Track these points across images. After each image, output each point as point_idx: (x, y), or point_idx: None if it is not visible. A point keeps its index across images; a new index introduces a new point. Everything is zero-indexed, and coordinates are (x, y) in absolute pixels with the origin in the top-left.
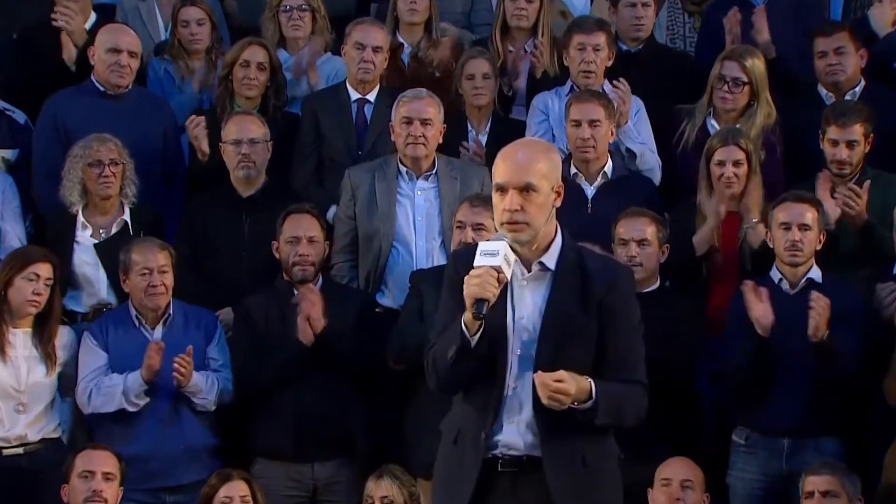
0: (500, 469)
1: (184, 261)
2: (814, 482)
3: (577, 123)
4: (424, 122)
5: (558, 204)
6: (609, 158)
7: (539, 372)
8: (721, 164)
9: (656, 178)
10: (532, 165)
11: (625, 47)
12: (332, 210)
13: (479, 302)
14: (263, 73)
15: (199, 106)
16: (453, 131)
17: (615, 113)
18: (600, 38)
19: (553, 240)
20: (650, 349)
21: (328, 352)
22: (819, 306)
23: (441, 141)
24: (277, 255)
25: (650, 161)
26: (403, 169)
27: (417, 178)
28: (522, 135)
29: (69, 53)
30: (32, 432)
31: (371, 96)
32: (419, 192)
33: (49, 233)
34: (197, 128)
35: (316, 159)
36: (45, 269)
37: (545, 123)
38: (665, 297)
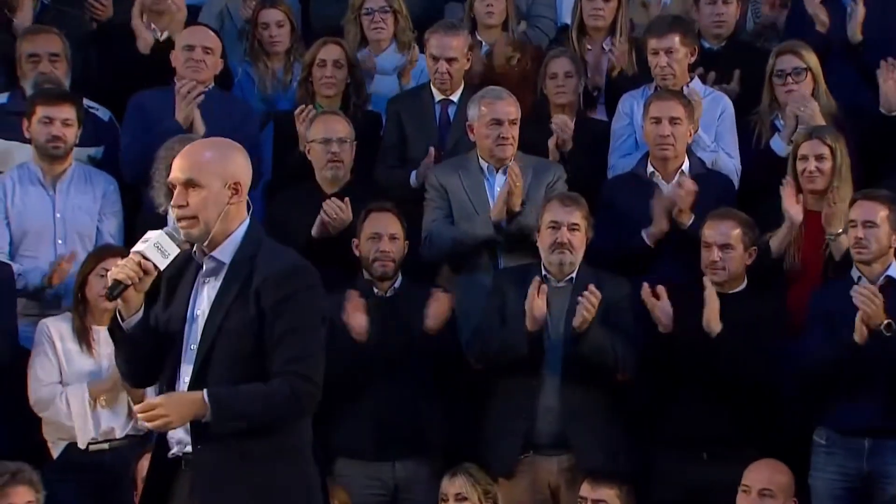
0: (182, 468)
1: None
2: None
3: (657, 121)
4: (512, 123)
5: (236, 201)
6: (686, 157)
7: (136, 405)
8: (804, 158)
9: (733, 182)
10: (196, 162)
11: (707, 45)
12: (414, 174)
13: (114, 283)
14: (341, 71)
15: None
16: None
17: (695, 114)
18: (673, 41)
19: (231, 235)
20: (735, 350)
21: (412, 352)
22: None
23: None
24: (357, 253)
25: (726, 167)
26: (484, 165)
27: (497, 172)
28: (606, 134)
29: (144, 42)
30: (119, 428)
31: (455, 97)
32: (499, 188)
33: (140, 234)
34: (305, 118)
35: (399, 160)
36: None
37: (629, 127)
38: (751, 298)
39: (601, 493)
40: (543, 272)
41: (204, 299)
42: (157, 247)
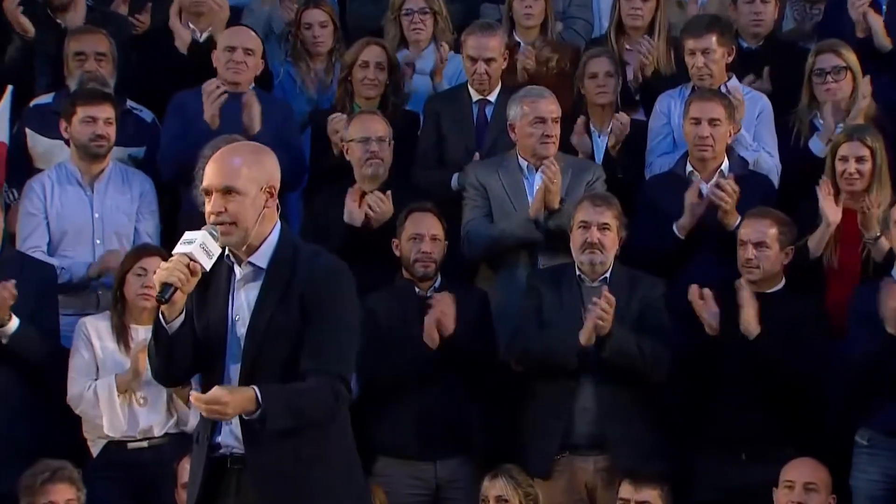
0: (228, 466)
1: None
2: None
3: (697, 121)
4: (555, 121)
5: (271, 204)
6: (726, 157)
7: (193, 393)
8: (844, 159)
9: (773, 181)
10: (233, 168)
11: (745, 44)
12: (455, 177)
13: (165, 286)
14: (383, 73)
15: (316, 107)
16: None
17: (735, 113)
18: (710, 41)
19: (266, 239)
20: (772, 350)
21: (449, 352)
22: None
23: None
24: (398, 253)
25: (766, 165)
26: (524, 164)
27: (536, 171)
28: (643, 134)
29: (182, 41)
30: (157, 427)
31: (492, 97)
32: (538, 187)
33: (183, 233)
34: (339, 123)
35: (437, 160)
36: (153, 263)
37: (667, 126)
38: (788, 298)
39: (645, 493)
40: (577, 272)
41: (243, 304)
42: (202, 247)
